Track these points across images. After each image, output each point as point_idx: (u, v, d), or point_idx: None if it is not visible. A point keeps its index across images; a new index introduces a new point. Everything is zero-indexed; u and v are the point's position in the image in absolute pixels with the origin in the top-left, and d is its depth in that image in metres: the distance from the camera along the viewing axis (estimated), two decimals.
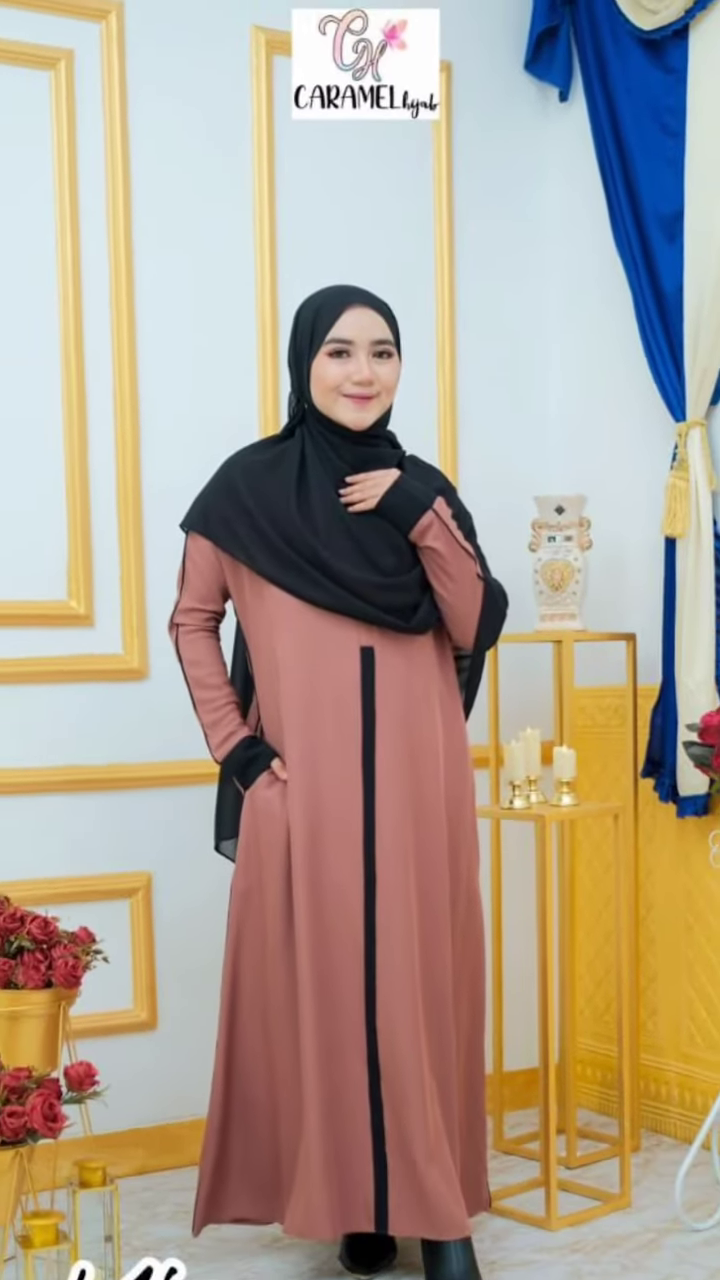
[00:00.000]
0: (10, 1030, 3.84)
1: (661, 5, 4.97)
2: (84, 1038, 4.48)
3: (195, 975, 4.94)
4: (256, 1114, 4.08)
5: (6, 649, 4.79)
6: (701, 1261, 4.12)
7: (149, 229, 4.99)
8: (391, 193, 5.38)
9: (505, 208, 5.62)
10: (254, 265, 5.14)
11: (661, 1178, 4.77)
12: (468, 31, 5.50)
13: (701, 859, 5.01)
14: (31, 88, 4.81)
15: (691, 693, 4.89)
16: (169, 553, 4.64)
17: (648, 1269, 4.10)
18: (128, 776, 4.95)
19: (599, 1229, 4.40)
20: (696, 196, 4.91)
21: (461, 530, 4.00)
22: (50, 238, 4.85)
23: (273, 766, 4.00)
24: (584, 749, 5.33)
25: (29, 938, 3.87)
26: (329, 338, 3.92)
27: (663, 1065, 5.22)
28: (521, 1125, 5.33)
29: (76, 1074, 3.78)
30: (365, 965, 3.88)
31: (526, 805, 4.53)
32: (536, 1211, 4.47)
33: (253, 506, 3.96)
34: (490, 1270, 4.09)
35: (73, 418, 4.88)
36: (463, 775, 4.10)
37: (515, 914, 5.30)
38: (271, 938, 3.97)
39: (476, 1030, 4.18)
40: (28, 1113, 3.49)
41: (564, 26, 5.49)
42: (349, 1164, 3.89)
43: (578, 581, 5.02)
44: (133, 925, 4.96)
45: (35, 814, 4.82)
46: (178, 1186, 4.76)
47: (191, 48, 5.05)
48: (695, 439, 4.92)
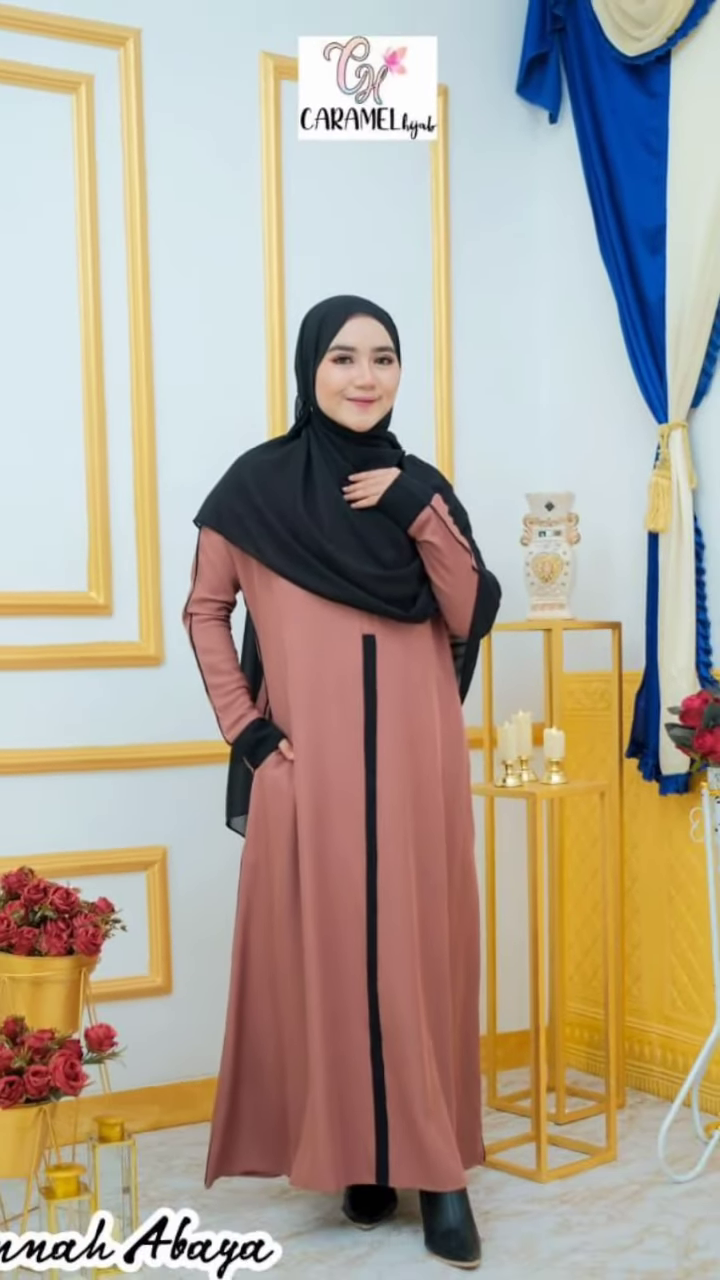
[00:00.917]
0: (34, 994, 3.84)
1: (645, 33, 4.97)
2: (103, 1002, 4.47)
3: (208, 943, 4.94)
4: (265, 1073, 4.07)
5: (31, 637, 4.78)
6: (683, 1212, 4.11)
7: (164, 242, 4.98)
8: (392, 209, 5.37)
9: (499, 223, 5.60)
10: (263, 276, 5.12)
11: (645, 1133, 4.76)
12: (463, 58, 5.48)
13: (682, 834, 5.02)
14: (54, 110, 4.80)
15: (673, 678, 4.88)
16: (183, 547, 4.66)
17: (632, 1219, 4.09)
18: (144, 757, 4.94)
19: (586, 1181, 4.40)
20: (678, 212, 4.89)
21: (457, 525, 4.00)
22: (71, 250, 4.84)
23: (280, 747, 3.99)
24: (572, 731, 5.33)
25: (52, 908, 3.87)
26: (333, 345, 3.92)
27: (646, 1027, 5.21)
28: (514, 1084, 5.32)
29: (96, 1036, 3.77)
30: (367, 934, 3.88)
31: (518, 783, 4.52)
32: (528, 1165, 4.47)
33: (262, 503, 3.95)
34: (484, 1220, 4.08)
35: (93, 421, 4.87)
36: (459, 755, 4.09)
37: (508, 886, 5.30)
38: (279, 908, 3.97)
39: (471, 994, 4.17)
40: (51, 1072, 3.50)
41: (553, 53, 5.47)
42: (352, 1120, 3.89)
43: (566, 573, 5.01)
44: (149, 896, 4.96)
45: (58, 792, 4.82)
46: (191, 1141, 4.76)
47: (204, 72, 5.03)
48: (677, 440, 4.91)
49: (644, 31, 4.97)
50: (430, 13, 5.38)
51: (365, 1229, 4.09)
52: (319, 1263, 3.85)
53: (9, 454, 4.76)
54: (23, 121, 4.76)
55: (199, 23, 5.02)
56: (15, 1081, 3.48)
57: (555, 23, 5.41)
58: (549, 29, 5.42)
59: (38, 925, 3.86)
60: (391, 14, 5.28)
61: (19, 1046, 3.57)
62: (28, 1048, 3.55)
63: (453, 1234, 3.88)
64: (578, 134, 5.38)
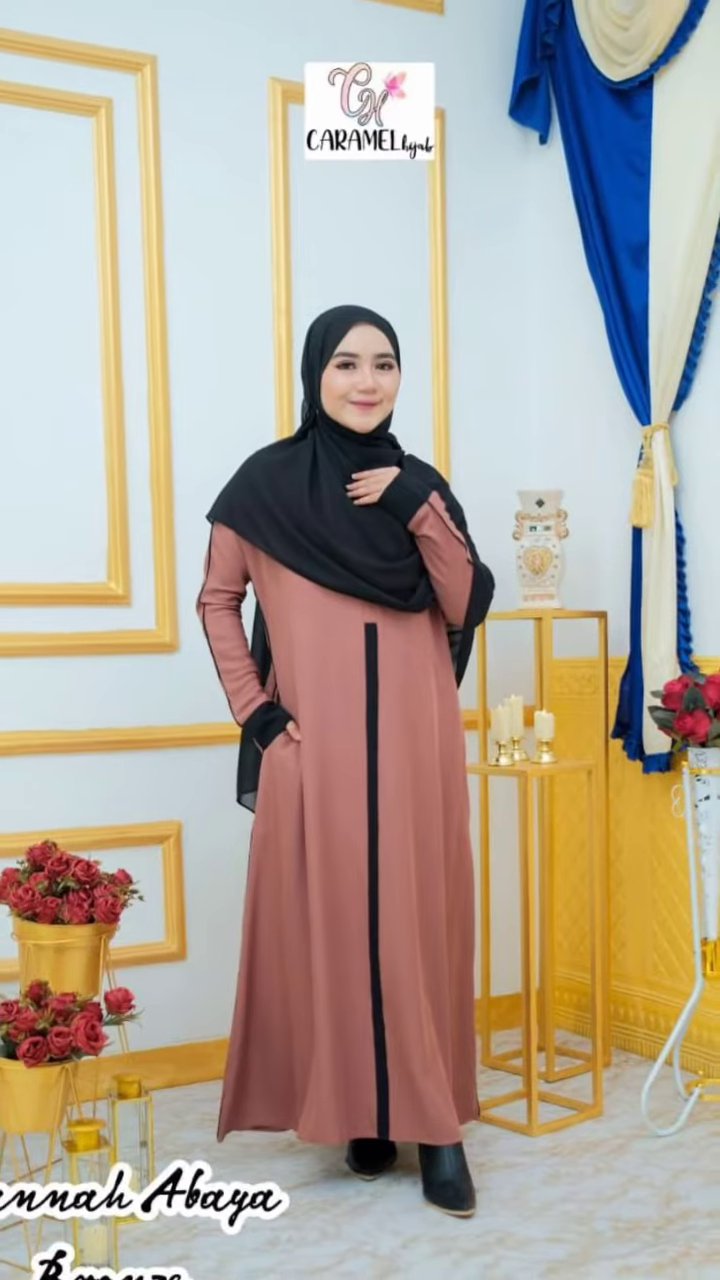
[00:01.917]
0: (57, 960, 3.84)
1: (629, 59, 4.95)
2: (122, 967, 4.47)
3: (219, 912, 4.93)
4: (273, 1034, 4.06)
5: (54, 625, 4.77)
6: (664, 1164, 4.10)
7: (179, 255, 4.96)
8: (392, 224, 5.34)
9: (492, 237, 5.57)
10: (271, 288, 5.10)
11: (629, 1090, 4.75)
12: (459, 82, 5.46)
13: (664, 809, 5.01)
14: (76, 131, 4.79)
15: (656, 664, 4.87)
16: (196, 541, 4.68)
17: (617, 1170, 4.08)
18: (160, 738, 4.92)
19: (575, 1135, 4.38)
20: (660, 228, 4.87)
21: (454, 520, 3.98)
22: (92, 262, 4.82)
23: (288, 728, 3.98)
24: (561, 713, 5.32)
25: (74, 879, 3.87)
26: (337, 351, 3.91)
27: (630, 991, 5.20)
28: (506, 1044, 5.31)
29: (115, 999, 3.78)
30: (369, 903, 3.87)
31: (511, 763, 4.51)
32: (520, 1120, 4.46)
33: (271, 500, 3.94)
34: (479, 1171, 4.07)
35: (112, 423, 4.86)
36: (455, 736, 4.08)
37: (501, 858, 5.30)
38: (286, 879, 3.96)
39: (467, 959, 4.15)
40: (72, 1033, 3.51)
41: (543, 78, 5.45)
42: (355, 1078, 3.89)
43: (556, 566, 5.00)
44: (165, 868, 4.94)
45: (80, 770, 4.81)
46: (204, 1098, 4.74)
47: (216, 96, 5.01)
48: (659, 441, 4.89)
49: (628, 58, 4.96)
50: (428, 40, 5.36)
51: (367, 1180, 4.08)
52: (323, 1211, 3.84)
53: (35, 456, 4.75)
54: (47, 142, 4.75)
55: (211, 50, 5.00)
56: (39, 1042, 3.49)
57: (545, 49, 5.39)
58: (539, 55, 5.40)
59: (60, 895, 3.87)
60: (392, 42, 5.26)
61: (43, 1009, 3.58)
62: (51, 1010, 3.55)
63: (449, 1184, 3.87)
64: (566, 154, 5.35)
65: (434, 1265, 3.49)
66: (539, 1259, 3.50)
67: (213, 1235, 3.68)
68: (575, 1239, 3.62)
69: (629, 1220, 3.73)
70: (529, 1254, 3.54)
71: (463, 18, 5.48)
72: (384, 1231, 3.71)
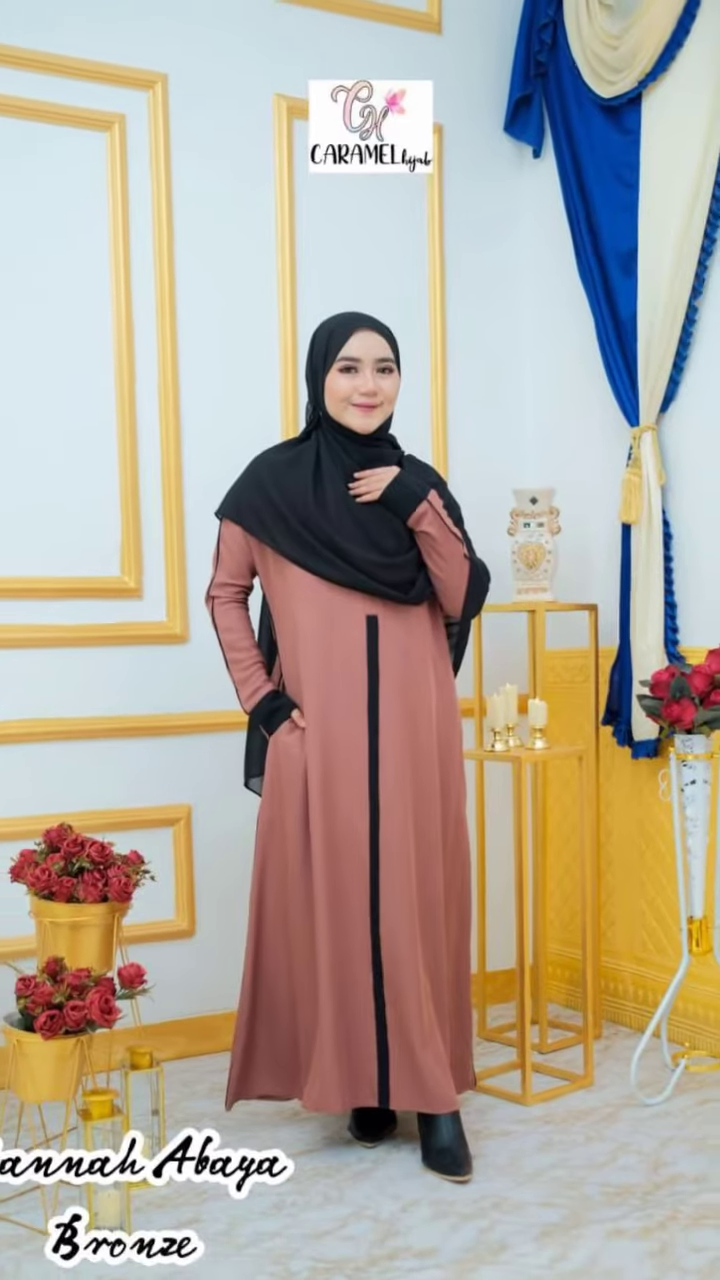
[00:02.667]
0: (73, 938, 3.83)
1: (619, 77, 4.93)
2: (134, 944, 4.47)
3: (227, 891, 4.92)
4: (278, 1008, 4.06)
5: (71, 617, 4.76)
6: (653, 1131, 4.10)
7: (189, 263, 4.94)
8: (392, 234, 5.32)
9: (488, 247, 5.55)
10: (276, 295, 5.08)
11: (619, 1061, 4.74)
12: (456, 100, 5.44)
13: (652, 794, 5.00)
14: (91, 146, 4.77)
15: (644, 654, 4.86)
16: (206, 537, 4.69)
17: (607, 1138, 4.07)
18: (170, 725, 4.91)
19: (566, 1104, 4.38)
20: (648, 237, 4.86)
21: (451, 518, 3.98)
22: (106, 269, 4.81)
23: (293, 716, 3.97)
24: (554, 701, 5.30)
25: (88, 859, 3.87)
26: (340, 356, 3.90)
27: (620, 966, 5.19)
28: (501, 1017, 5.30)
29: (128, 974, 3.78)
30: (370, 883, 3.86)
31: (506, 749, 4.50)
32: (514, 1090, 4.45)
33: (277, 498, 3.93)
34: (475, 1139, 4.06)
35: (125, 425, 4.84)
36: (452, 723, 4.07)
37: (496, 840, 5.29)
38: (291, 859, 3.95)
39: (464, 937, 4.15)
40: (87, 1006, 3.52)
41: (537, 95, 5.43)
42: (357, 1050, 3.88)
43: (549, 561, 4.98)
44: (175, 849, 4.93)
45: (94, 756, 4.80)
46: (213, 1069, 4.73)
47: (224, 112, 4.99)
48: (647, 441, 4.88)
49: (618, 76, 4.94)
50: (427, 59, 5.34)
51: (368, 1147, 4.07)
52: (327, 1177, 3.83)
53: (52, 457, 4.74)
54: (64, 156, 4.74)
55: (219, 68, 4.99)
56: (56, 1015, 3.50)
57: (539, 68, 5.37)
58: (533, 73, 5.38)
59: (76, 875, 3.86)
60: (392, 61, 5.24)
61: (59, 984, 3.58)
62: (67, 985, 3.57)
63: (446, 1151, 3.86)
64: (558, 168, 5.33)
65: (432, 1228, 3.48)
66: (532, 1222, 3.50)
67: (221, 1200, 3.67)
68: (567, 1203, 3.61)
69: (618, 1185, 3.72)
70: (523, 1218, 3.53)
71: (460, 37, 5.46)
72: (384, 1196, 3.70)
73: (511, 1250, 3.35)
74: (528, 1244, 3.38)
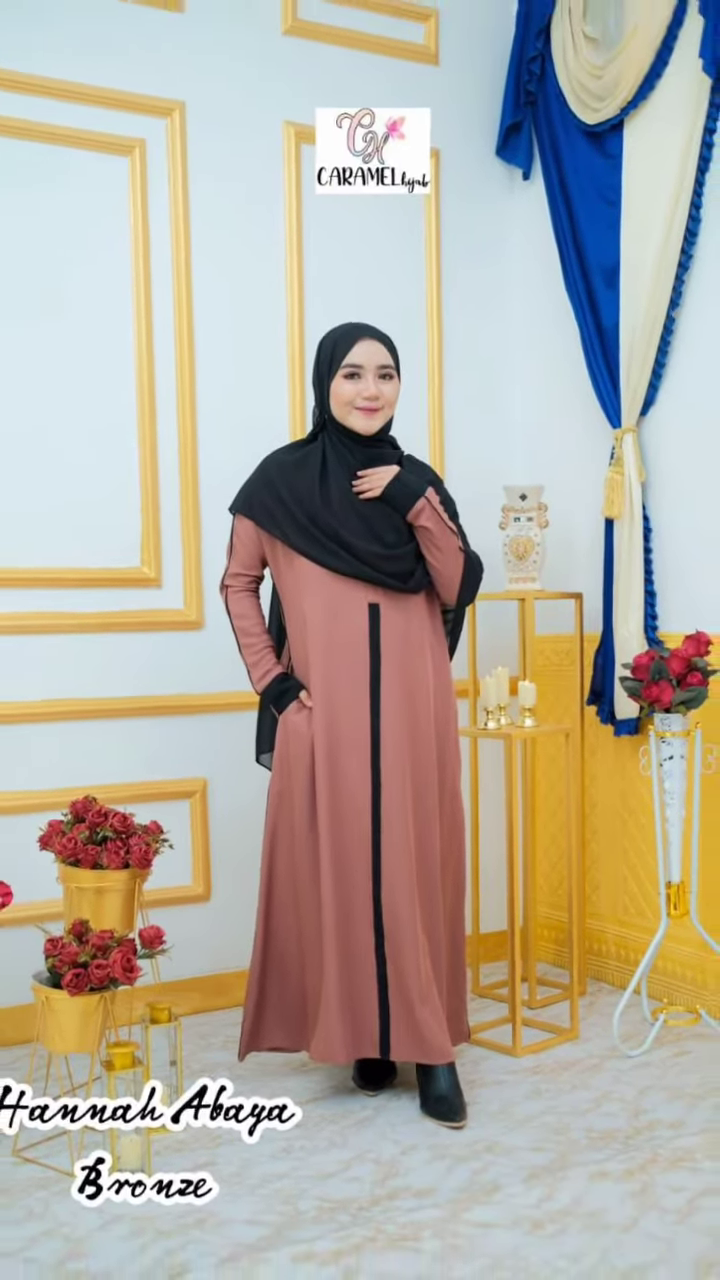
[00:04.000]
0: (97, 901, 3.82)
1: (602, 104, 4.90)
2: (154, 907, 4.45)
3: (240, 858, 4.91)
4: (287, 966, 4.04)
5: (94, 605, 4.74)
6: (633, 1082, 4.07)
7: (204, 278, 4.91)
8: (392, 251, 5.28)
9: (481, 262, 5.52)
10: (285, 307, 5.05)
11: (602, 1016, 4.72)
12: (452, 126, 5.40)
13: (633, 768, 4.98)
14: (113, 170, 4.74)
15: (626, 639, 4.84)
16: (219, 530, 4.69)
17: (592, 1087, 4.05)
18: (187, 705, 4.89)
19: (554, 1056, 4.36)
20: (630, 253, 4.83)
21: (447, 513, 3.96)
22: (127, 284, 4.78)
23: (300, 696, 3.96)
24: (542, 683, 5.29)
25: (111, 829, 3.86)
26: (344, 363, 3.89)
27: (603, 928, 5.17)
28: (493, 975, 5.28)
29: (148, 935, 3.78)
30: (372, 851, 3.85)
31: (498, 726, 4.49)
32: (505, 1042, 4.44)
33: (285, 495, 3.92)
34: (470, 1088, 4.05)
35: (145, 426, 4.82)
36: (448, 702, 4.05)
37: (489, 812, 5.28)
38: (299, 829, 3.93)
39: (458, 900, 4.13)
40: (110, 965, 3.52)
41: (526, 122, 5.40)
42: (360, 1005, 3.87)
43: (537, 553, 4.96)
44: (192, 820, 4.91)
45: (117, 734, 4.77)
46: (226, 1023, 4.71)
47: (237, 138, 4.96)
48: (629, 442, 4.86)
49: (601, 104, 4.91)
50: (425, 88, 5.31)
51: (370, 1095, 4.06)
52: (332, 1124, 3.82)
53: (77, 456, 4.71)
54: (87, 179, 4.70)
55: (232, 96, 4.95)
56: (81, 973, 3.49)
57: (528, 96, 5.33)
58: (523, 102, 5.35)
59: (99, 844, 3.85)
60: (393, 90, 5.21)
61: (84, 944, 3.58)
62: (91, 945, 3.56)
63: (443, 1099, 3.85)
64: (547, 189, 5.30)
65: (430, 1170, 3.47)
66: (523, 1165, 3.48)
67: (234, 1144, 3.65)
68: (554, 1147, 3.59)
69: (602, 1131, 3.70)
70: (514, 1160, 3.51)
71: (455, 68, 5.42)
72: (386, 1141, 3.68)
73: (503, 1191, 3.33)
74: (518, 1185, 3.36)
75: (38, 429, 4.66)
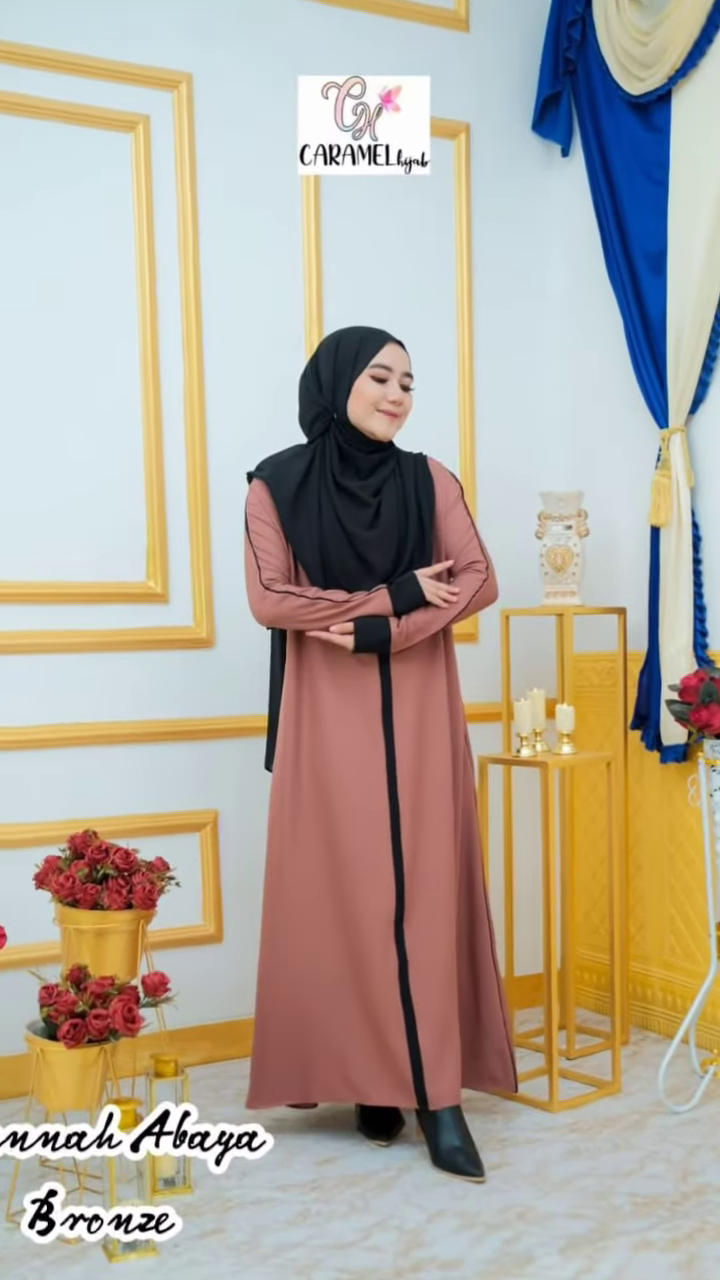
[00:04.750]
0: (98, 944, 3.85)
1: (648, 74, 4.91)
2: (162, 949, 4.48)
3: (256, 896, 4.91)
4: (289, 1015, 4.15)
5: (99, 623, 4.77)
6: (680, 1140, 4.08)
7: (214, 263, 4.95)
8: (419, 234, 5.31)
9: (516, 248, 5.54)
10: (303, 298, 5.08)
11: (647, 1067, 4.73)
12: (484, 98, 5.43)
13: (681, 798, 4.98)
14: (116, 147, 4.78)
15: (673, 658, 4.84)
16: (231, 542, 4.74)
17: (635, 1146, 4.06)
18: (197, 729, 4.91)
19: (594, 1111, 4.37)
20: (678, 236, 4.84)
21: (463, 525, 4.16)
22: (131, 268, 4.82)
23: None
24: (582, 706, 5.30)
25: (112, 866, 3.90)
26: (374, 363, 4.00)
27: (648, 971, 5.18)
28: (529, 1022, 5.29)
29: (152, 982, 3.81)
30: (396, 899, 3.98)
31: (533, 754, 4.50)
32: (541, 1096, 4.44)
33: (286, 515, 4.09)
34: (501, 1146, 4.07)
35: (151, 435, 4.85)
36: (457, 712, 4.20)
37: (524, 845, 5.30)
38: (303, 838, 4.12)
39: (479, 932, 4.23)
40: (110, 1015, 3.53)
41: (565, 93, 5.42)
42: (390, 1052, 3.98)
43: (577, 564, 4.97)
44: (202, 854, 4.94)
45: (120, 760, 4.81)
46: (239, 1074, 4.70)
47: (246, 111, 4.99)
48: (676, 443, 4.86)
49: (647, 73, 4.92)
50: (454, 57, 5.34)
51: (383, 1145, 4.14)
52: (353, 1186, 3.83)
53: (79, 465, 4.75)
54: (90, 156, 4.74)
55: (241, 68, 4.98)
56: (79, 1024, 3.52)
57: (567, 65, 5.35)
58: (561, 71, 5.37)
59: (100, 882, 3.89)
60: (418, 58, 5.23)
61: (82, 992, 3.60)
62: (90, 993, 3.59)
63: (457, 1150, 3.92)
64: (587, 166, 5.32)
65: (458, 1239, 3.47)
66: (558, 1234, 3.49)
67: (246, 1209, 3.67)
68: (594, 1214, 3.60)
69: (646, 1195, 3.71)
70: (549, 1229, 3.52)
71: (487, 35, 5.45)
72: (410, 1206, 3.69)
73: (537, 1263, 3.34)
74: (553, 1256, 3.37)
75: (37, 428, 4.70)
